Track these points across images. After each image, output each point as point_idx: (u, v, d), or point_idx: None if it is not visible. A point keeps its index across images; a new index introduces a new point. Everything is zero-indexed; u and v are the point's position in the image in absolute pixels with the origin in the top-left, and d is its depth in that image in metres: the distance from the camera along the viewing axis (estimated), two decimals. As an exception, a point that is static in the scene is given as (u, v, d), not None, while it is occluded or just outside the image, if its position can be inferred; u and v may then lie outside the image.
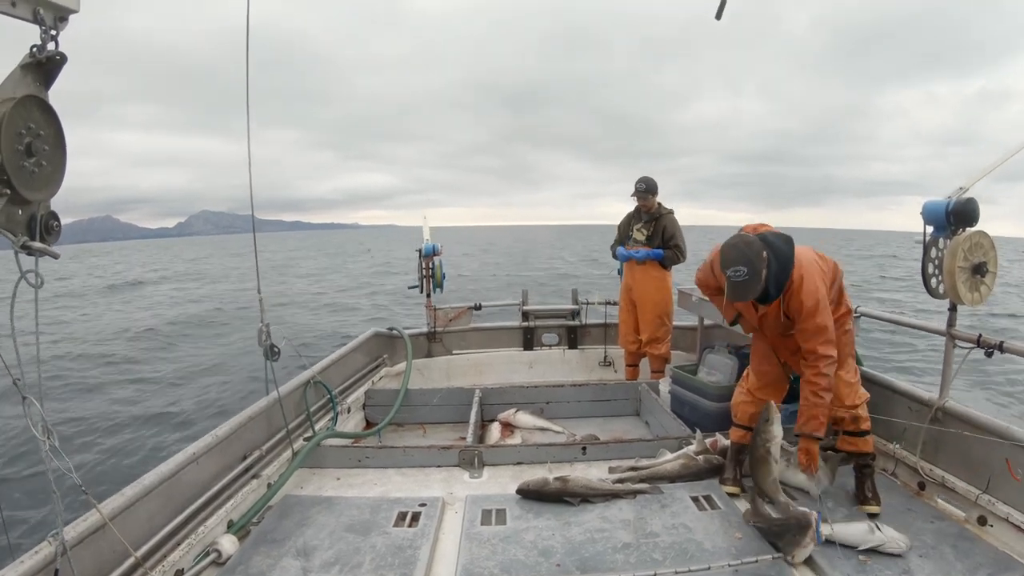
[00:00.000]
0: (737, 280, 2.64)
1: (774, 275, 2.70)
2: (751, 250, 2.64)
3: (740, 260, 2.63)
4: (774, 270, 2.69)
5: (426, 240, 5.43)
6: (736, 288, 2.67)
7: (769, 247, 2.69)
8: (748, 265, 2.61)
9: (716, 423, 3.58)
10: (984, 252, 2.85)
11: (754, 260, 2.62)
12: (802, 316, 2.73)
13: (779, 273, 2.71)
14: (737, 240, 2.72)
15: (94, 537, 2.03)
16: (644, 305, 5.11)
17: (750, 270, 2.61)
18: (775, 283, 2.72)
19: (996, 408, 8.36)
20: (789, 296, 2.77)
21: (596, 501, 2.94)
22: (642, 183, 4.96)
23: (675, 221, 5.02)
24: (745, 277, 2.62)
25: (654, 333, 5.11)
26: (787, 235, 2.80)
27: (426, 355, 5.63)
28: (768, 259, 2.67)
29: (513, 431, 4.22)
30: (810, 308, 2.71)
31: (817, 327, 2.72)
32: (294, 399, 3.60)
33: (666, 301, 5.10)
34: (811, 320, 2.72)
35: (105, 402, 9.08)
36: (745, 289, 2.65)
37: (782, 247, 2.73)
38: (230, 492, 2.85)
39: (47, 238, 1.53)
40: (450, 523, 2.81)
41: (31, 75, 1.45)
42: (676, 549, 2.50)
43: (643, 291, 5.10)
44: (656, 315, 5.09)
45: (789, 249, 2.74)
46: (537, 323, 5.92)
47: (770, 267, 2.68)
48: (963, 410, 2.96)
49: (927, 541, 2.54)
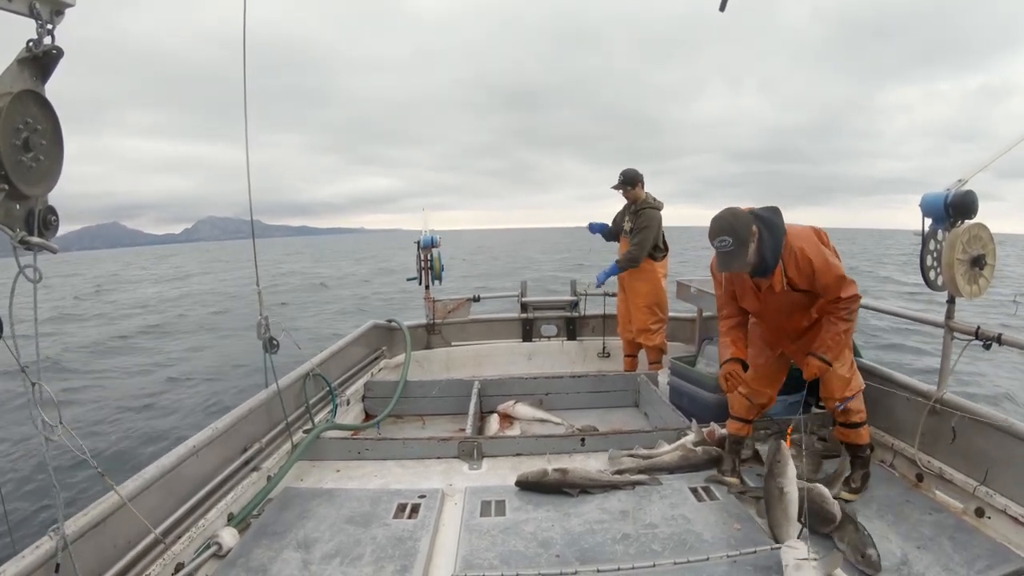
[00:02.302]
0: (723, 250, 2.70)
1: (768, 246, 2.74)
2: (738, 221, 2.69)
3: (725, 230, 2.68)
4: (767, 241, 2.74)
5: (424, 232, 5.42)
6: (722, 258, 2.74)
7: (758, 219, 2.75)
8: (733, 235, 2.66)
9: (715, 414, 3.59)
10: (983, 244, 2.85)
11: (740, 230, 2.66)
12: (816, 274, 2.76)
13: (772, 242, 2.75)
14: (725, 212, 2.76)
15: (94, 531, 2.04)
16: (634, 297, 5.13)
17: (735, 240, 2.66)
18: (771, 253, 2.75)
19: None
20: (793, 263, 2.78)
21: (595, 492, 2.96)
22: (621, 175, 4.99)
23: (652, 216, 4.99)
24: (731, 247, 2.67)
25: (645, 324, 5.12)
26: (774, 207, 2.84)
27: (425, 347, 5.64)
28: (759, 231, 2.72)
29: (512, 422, 4.24)
30: (821, 265, 2.76)
31: (836, 278, 2.77)
32: (293, 391, 3.61)
33: (655, 291, 5.10)
34: (827, 275, 2.76)
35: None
36: (730, 258, 2.71)
37: (771, 217, 2.78)
38: (230, 485, 2.85)
39: (45, 233, 1.53)
40: (450, 514, 2.82)
41: (28, 70, 1.44)
42: (675, 540, 2.52)
43: (631, 282, 5.13)
44: (645, 305, 5.09)
45: (778, 218, 2.79)
46: (536, 314, 5.93)
47: (762, 239, 2.73)
48: (962, 402, 2.97)
49: (925, 533, 2.56)
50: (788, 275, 2.81)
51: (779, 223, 2.79)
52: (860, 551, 2.36)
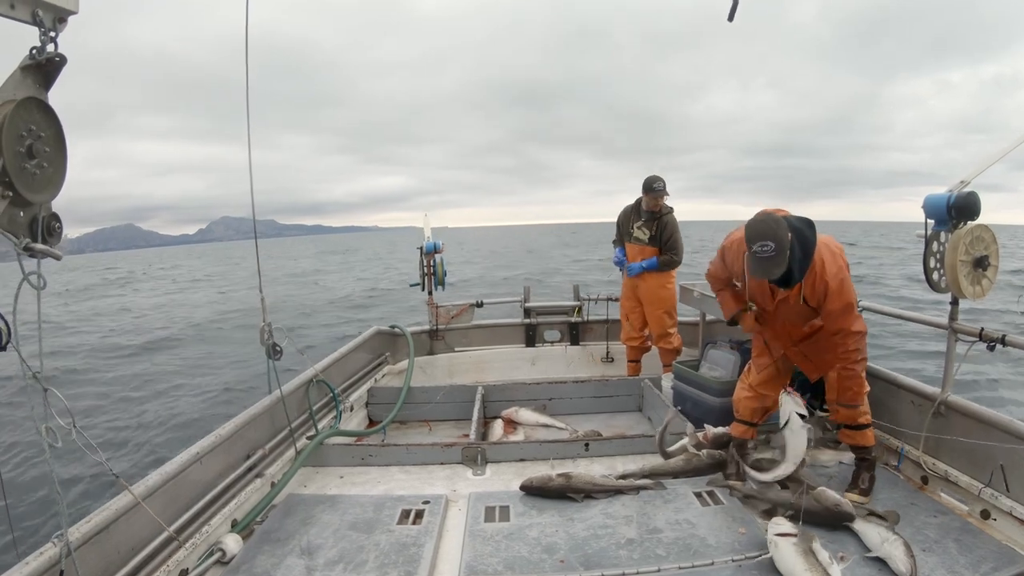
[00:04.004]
0: (764, 256, 2.56)
1: (798, 259, 2.63)
2: (779, 227, 2.57)
3: (767, 235, 2.56)
4: (797, 254, 2.62)
5: (427, 238, 5.43)
6: (762, 263, 2.60)
7: (793, 230, 2.61)
8: (775, 240, 2.54)
9: (718, 418, 3.58)
10: (986, 246, 2.84)
11: (781, 237, 2.54)
12: (828, 297, 2.74)
13: (802, 257, 2.65)
14: (764, 216, 2.67)
15: (98, 538, 2.04)
16: (651, 303, 5.11)
17: (777, 246, 2.53)
18: (799, 267, 2.65)
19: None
20: (812, 280, 2.75)
21: (599, 497, 2.95)
22: (660, 183, 4.90)
23: (676, 222, 5.02)
24: (772, 253, 2.54)
25: (665, 329, 5.13)
26: (808, 219, 2.74)
27: (428, 352, 5.64)
28: (792, 242, 2.58)
29: (516, 428, 4.23)
30: (835, 288, 2.73)
31: (844, 306, 2.76)
32: (296, 398, 3.61)
33: (672, 297, 5.13)
34: (837, 301, 2.74)
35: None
36: (771, 265, 2.58)
37: (805, 231, 2.66)
38: (234, 491, 2.85)
39: (49, 239, 1.53)
40: (454, 520, 2.81)
41: (31, 77, 1.45)
42: (679, 545, 2.51)
43: (648, 288, 5.10)
44: (664, 311, 5.10)
45: (812, 233, 2.69)
46: (539, 320, 5.92)
47: (793, 251, 2.59)
48: (966, 404, 2.96)
49: (930, 535, 2.54)
50: (805, 292, 2.78)
51: (812, 237, 2.68)
52: (832, 501, 2.56)
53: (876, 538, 2.40)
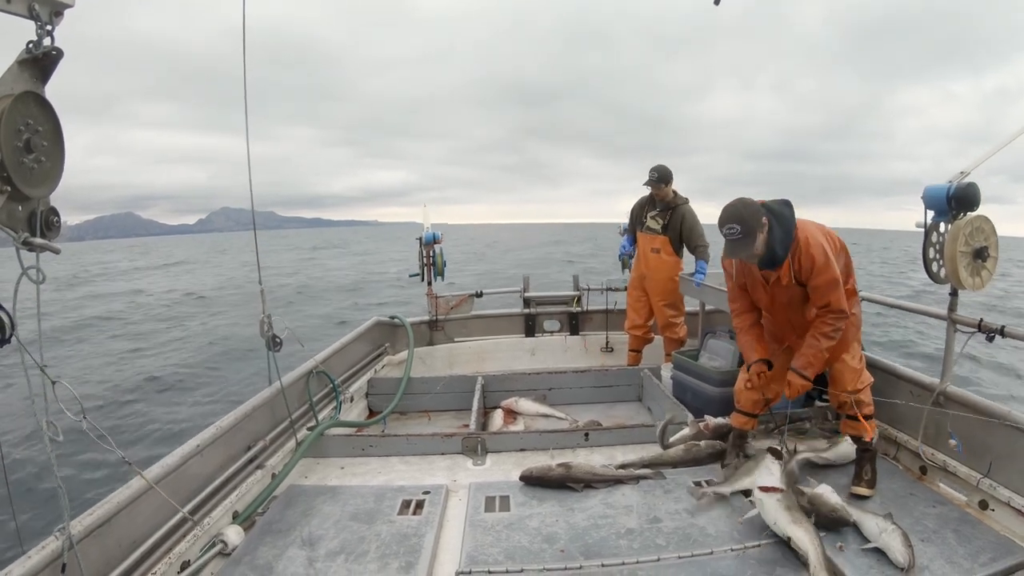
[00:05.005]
0: (732, 238, 2.72)
1: (778, 238, 2.76)
2: (747, 210, 2.72)
3: (734, 218, 2.71)
4: (777, 233, 2.76)
5: (426, 228, 5.42)
6: (729, 246, 2.76)
7: (769, 211, 2.77)
8: (741, 223, 2.69)
9: (718, 408, 3.59)
10: (985, 237, 2.84)
11: (748, 219, 2.69)
12: (813, 272, 2.78)
13: (783, 235, 2.77)
14: (736, 201, 2.79)
15: (100, 531, 2.04)
16: (660, 293, 5.12)
17: (743, 228, 2.69)
18: (781, 245, 2.77)
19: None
20: (798, 256, 2.80)
21: (599, 487, 2.97)
22: (654, 172, 4.90)
23: (693, 213, 4.99)
24: (739, 235, 2.69)
25: (671, 319, 5.16)
26: (786, 199, 2.88)
27: (428, 343, 5.64)
28: (769, 223, 2.74)
29: (516, 418, 4.23)
30: (821, 263, 2.77)
31: (829, 281, 2.78)
32: (296, 389, 3.61)
33: (678, 287, 5.12)
34: (822, 275, 2.78)
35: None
36: (737, 247, 2.73)
37: (781, 210, 2.81)
38: (235, 483, 2.86)
39: (47, 234, 1.53)
40: (454, 510, 2.83)
41: (28, 71, 1.44)
42: (679, 534, 2.52)
43: (658, 279, 5.09)
44: (671, 302, 5.13)
45: (789, 211, 2.82)
46: (538, 310, 5.92)
47: (772, 230, 2.75)
48: (964, 394, 2.97)
49: (929, 526, 2.56)
50: (795, 268, 2.83)
51: (789, 215, 2.81)
52: (828, 506, 2.56)
53: (874, 528, 2.41)
